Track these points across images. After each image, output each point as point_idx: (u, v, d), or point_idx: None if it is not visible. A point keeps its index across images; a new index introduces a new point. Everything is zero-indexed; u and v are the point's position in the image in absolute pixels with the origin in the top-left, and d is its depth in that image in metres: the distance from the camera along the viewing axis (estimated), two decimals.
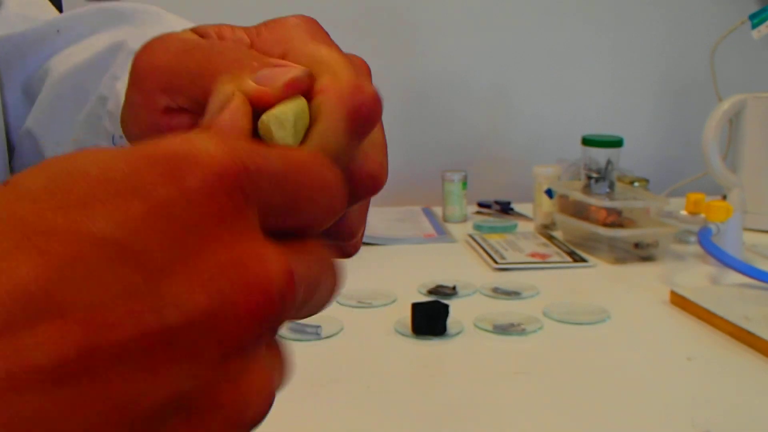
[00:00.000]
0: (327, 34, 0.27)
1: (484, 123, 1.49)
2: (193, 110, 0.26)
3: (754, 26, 1.19)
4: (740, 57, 1.37)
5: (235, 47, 0.26)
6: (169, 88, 0.26)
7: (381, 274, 0.97)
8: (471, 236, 1.12)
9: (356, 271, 0.98)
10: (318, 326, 0.75)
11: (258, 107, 0.24)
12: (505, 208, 1.31)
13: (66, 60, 0.43)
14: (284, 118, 0.24)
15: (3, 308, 0.15)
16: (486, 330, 0.75)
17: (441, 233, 1.16)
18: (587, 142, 1.06)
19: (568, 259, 1.00)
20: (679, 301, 0.81)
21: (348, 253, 0.28)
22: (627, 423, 0.58)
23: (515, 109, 1.49)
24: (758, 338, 0.69)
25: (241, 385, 0.19)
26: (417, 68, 1.45)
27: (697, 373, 0.67)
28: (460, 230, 1.18)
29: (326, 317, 0.78)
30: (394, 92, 1.45)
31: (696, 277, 0.93)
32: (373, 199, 0.27)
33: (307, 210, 0.22)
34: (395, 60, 1.44)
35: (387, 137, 0.29)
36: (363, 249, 1.02)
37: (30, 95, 0.44)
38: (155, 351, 0.17)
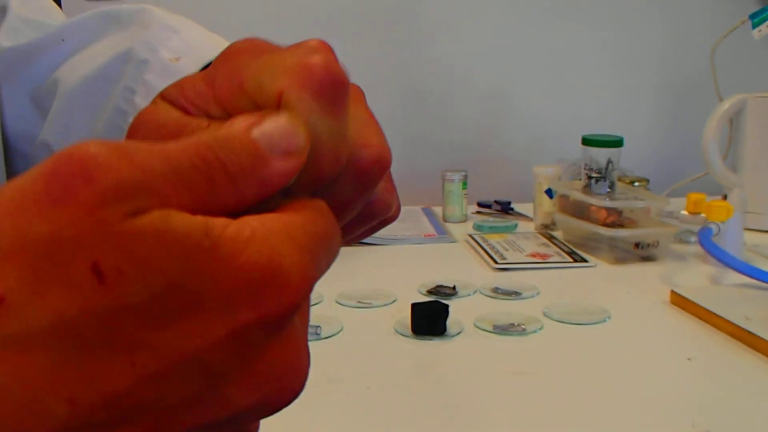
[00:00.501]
0: (271, 44, 0.27)
1: (485, 123, 1.49)
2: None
3: (754, 26, 1.19)
4: (741, 57, 1.37)
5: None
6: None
7: (381, 274, 0.97)
8: (471, 236, 1.11)
9: (356, 271, 0.99)
10: (318, 326, 0.75)
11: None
12: (505, 208, 1.31)
13: (74, 70, 0.43)
14: None
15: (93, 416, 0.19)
16: (486, 330, 0.75)
17: (441, 233, 1.16)
18: (587, 141, 1.06)
19: (569, 259, 1.00)
20: (679, 301, 0.81)
21: (390, 220, 0.30)
22: (627, 423, 0.58)
23: (515, 109, 1.49)
24: (758, 338, 0.69)
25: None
26: (417, 68, 1.45)
27: (698, 374, 0.67)
28: (460, 230, 1.18)
29: (326, 317, 0.78)
30: (394, 92, 1.45)
31: (696, 277, 0.93)
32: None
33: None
34: (395, 60, 1.44)
35: (387, 137, 0.29)
36: (363, 249, 1.02)
37: (40, 105, 0.44)
38: None
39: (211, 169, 0.21)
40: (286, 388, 0.22)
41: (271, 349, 0.21)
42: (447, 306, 0.75)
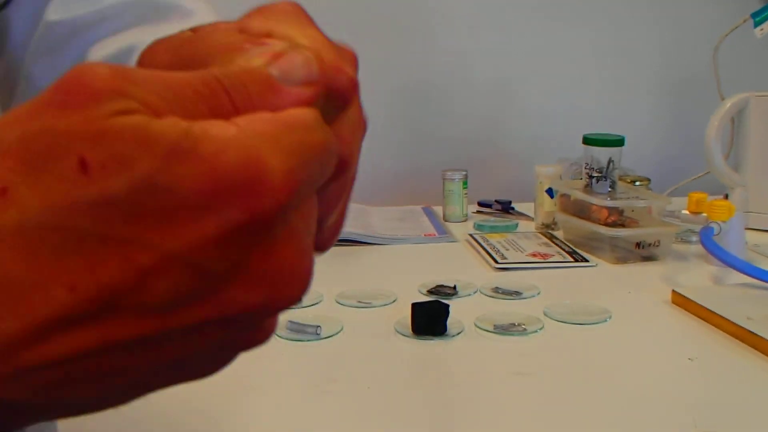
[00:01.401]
0: (313, 20, 0.28)
1: (485, 122, 1.48)
2: None
3: (756, 24, 1.19)
4: (743, 55, 1.37)
5: (224, 33, 0.27)
6: None
7: (381, 274, 0.96)
8: (471, 236, 1.11)
9: (356, 271, 0.98)
10: (318, 326, 0.75)
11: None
12: (506, 208, 1.31)
13: (97, 53, 0.44)
14: None
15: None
16: (486, 330, 0.75)
17: (441, 233, 1.15)
18: (589, 141, 1.06)
19: (570, 258, 1.00)
20: (680, 301, 0.81)
21: (320, 245, 0.27)
22: (628, 423, 0.58)
23: (516, 108, 1.49)
24: (760, 338, 0.68)
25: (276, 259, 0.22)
26: (418, 67, 1.45)
27: (699, 374, 0.67)
28: (460, 230, 1.17)
29: (326, 317, 0.78)
30: (394, 91, 1.45)
31: (698, 276, 0.93)
32: (374, 199, 0.27)
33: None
34: (396, 59, 1.43)
35: (387, 136, 0.29)
36: (363, 249, 1.02)
37: None
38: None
39: (212, 92, 0.22)
40: (288, 287, 0.23)
41: (267, 249, 0.22)
42: (447, 306, 0.74)
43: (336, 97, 0.25)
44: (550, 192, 1.15)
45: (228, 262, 0.21)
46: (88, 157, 0.20)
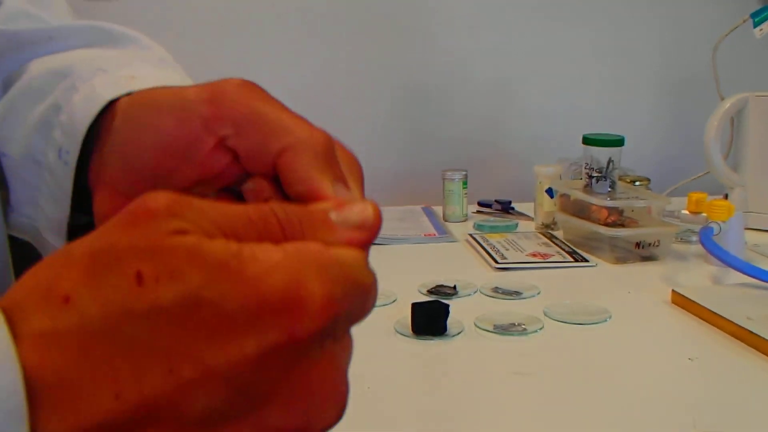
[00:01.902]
0: (267, 94, 0.30)
1: (485, 122, 1.48)
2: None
3: (755, 25, 1.19)
4: (742, 55, 1.37)
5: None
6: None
7: (381, 274, 0.96)
8: (471, 236, 1.11)
9: None
10: None
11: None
12: (505, 208, 1.31)
13: (43, 63, 0.43)
14: None
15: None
16: (486, 330, 0.75)
17: (441, 232, 1.16)
18: (588, 141, 1.06)
19: (569, 258, 1.00)
20: (680, 301, 0.81)
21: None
22: (628, 423, 0.58)
23: (516, 108, 1.49)
24: (760, 338, 0.68)
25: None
26: (418, 67, 1.45)
27: (699, 374, 0.67)
28: (460, 229, 1.17)
29: None
30: (394, 91, 1.45)
31: (698, 276, 0.93)
32: (374, 199, 0.28)
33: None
34: (396, 59, 1.43)
35: (388, 137, 0.30)
36: None
37: (5, 92, 0.44)
38: None
39: (265, 222, 0.24)
40: (324, 412, 0.24)
41: (304, 372, 0.23)
42: (447, 306, 0.75)
43: (322, 154, 0.28)
44: (549, 192, 1.15)
45: (266, 381, 0.22)
46: (144, 270, 0.21)
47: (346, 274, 0.24)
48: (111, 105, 0.35)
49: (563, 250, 1.04)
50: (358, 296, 0.24)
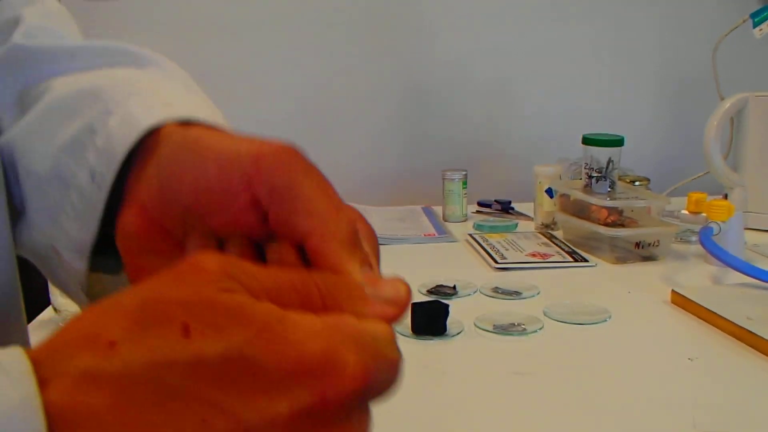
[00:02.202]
0: (307, 162, 0.31)
1: (485, 122, 1.48)
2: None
3: (755, 25, 1.19)
4: (742, 55, 1.37)
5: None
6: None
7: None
8: (471, 236, 1.11)
9: None
10: None
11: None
12: (505, 208, 1.31)
13: (70, 83, 0.42)
14: None
15: None
16: (486, 330, 0.75)
17: (441, 232, 1.16)
18: (588, 141, 1.06)
19: (569, 258, 1.00)
20: (680, 300, 0.81)
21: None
22: (628, 423, 0.58)
23: (516, 108, 1.49)
24: (760, 338, 0.69)
25: None
26: (418, 67, 1.45)
27: (699, 374, 0.67)
28: (460, 229, 1.17)
29: None
30: (395, 91, 1.45)
31: (697, 276, 0.93)
32: (374, 199, 0.28)
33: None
34: (396, 59, 1.44)
35: (388, 137, 0.30)
36: None
37: (22, 107, 0.44)
38: None
39: (307, 291, 0.26)
40: None
41: None
42: (447, 306, 0.75)
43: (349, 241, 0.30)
44: (549, 192, 1.15)
45: None
46: (191, 323, 0.23)
47: (379, 347, 0.25)
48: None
49: (563, 250, 1.04)
50: (387, 370, 0.26)
